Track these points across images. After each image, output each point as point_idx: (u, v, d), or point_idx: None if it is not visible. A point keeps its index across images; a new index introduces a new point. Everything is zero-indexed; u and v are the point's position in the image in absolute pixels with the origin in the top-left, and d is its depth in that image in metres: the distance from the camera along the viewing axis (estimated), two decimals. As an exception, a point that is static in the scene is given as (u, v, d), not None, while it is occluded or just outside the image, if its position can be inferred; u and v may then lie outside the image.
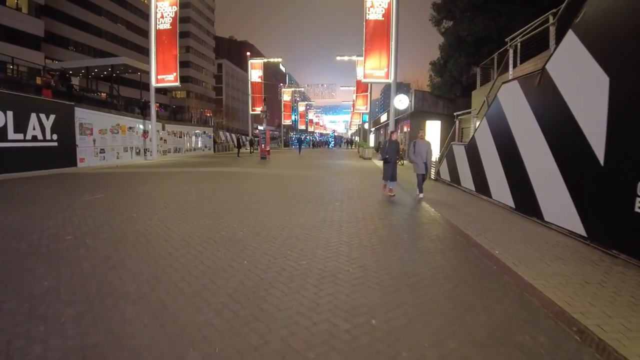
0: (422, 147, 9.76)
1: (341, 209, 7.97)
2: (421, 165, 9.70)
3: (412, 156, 9.82)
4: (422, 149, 9.74)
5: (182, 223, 6.35)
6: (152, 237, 5.43)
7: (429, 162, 10.01)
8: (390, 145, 9.98)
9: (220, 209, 7.62)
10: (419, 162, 9.68)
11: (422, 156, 9.71)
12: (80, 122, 18.93)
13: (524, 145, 7.78)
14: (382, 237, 5.73)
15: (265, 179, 13.51)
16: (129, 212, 7.24)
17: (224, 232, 5.78)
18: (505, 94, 8.95)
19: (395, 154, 9.93)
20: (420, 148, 9.75)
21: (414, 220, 7.16)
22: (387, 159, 9.83)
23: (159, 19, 26.01)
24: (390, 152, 9.85)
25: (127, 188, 10.80)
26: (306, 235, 5.64)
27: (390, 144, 10.02)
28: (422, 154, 9.71)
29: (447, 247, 5.37)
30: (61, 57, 42.97)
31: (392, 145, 9.98)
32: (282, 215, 7.07)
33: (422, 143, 9.80)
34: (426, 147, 9.80)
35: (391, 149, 9.89)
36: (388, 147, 10.00)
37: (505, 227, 6.57)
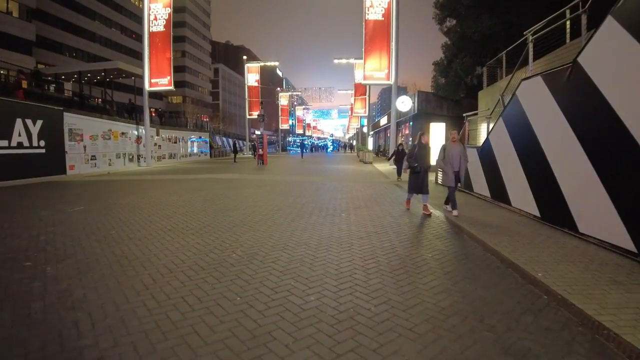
0: (454, 153, 7.74)
1: (348, 221, 7.10)
2: (451, 176, 7.75)
3: (440, 163, 8.02)
4: (454, 155, 7.73)
5: (166, 243, 5.46)
6: (128, 263, 4.53)
7: (462, 172, 7.83)
8: (420, 151, 8.14)
9: (212, 224, 6.73)
10: (449, 172, 7.74)
11: (454, 164, 7.73)
12: (70, 127, 18.14)
13: (551, 147, 6.95)
14: (402, 257, 4.85)
15: (263, 187, 12.64)
16: (107, 229, 6.34)
17: (215, 254, 4.89)
18: (526, 91, 8.15)
19: (428, 162, 8.20)
20: (452, 153, 7.75)
21: (432, 233, 6.29)
22: (416, 169, 8.03)
23: (153, 21, 25.21)
24: (421, 160, 8.05)
25: (112, 198, 9.90)
26: (312, 258, 4.76)
27: (420, 149, 8.14)
28: (454, 161, 7.73)
29: (481, 270, 4.50)
30: (54, 62, 42.05)
31: (422, 150, 8.14)
32: (283, 231, 6.19)
33: (453, 147, 7.81)
34: (459, 152, 7.76)
35: (421, 155, 8.09)
36: (417, 152, 8.11)
37: (537, 241, 5.71)
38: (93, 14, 52.36)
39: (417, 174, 8.05)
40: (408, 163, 8.28)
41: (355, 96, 48.82)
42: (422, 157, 8.10)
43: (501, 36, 16.10)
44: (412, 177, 8.26)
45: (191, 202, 9.21)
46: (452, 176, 7.77)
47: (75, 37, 48.58)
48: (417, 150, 8.12)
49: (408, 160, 8.32)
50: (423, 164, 8.06)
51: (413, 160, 8.09)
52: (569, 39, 10.02)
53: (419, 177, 8.05)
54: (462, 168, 7.83)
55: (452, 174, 7.75)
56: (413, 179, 8.22)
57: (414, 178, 8.17)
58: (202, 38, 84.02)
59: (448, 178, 7.83)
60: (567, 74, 6.58)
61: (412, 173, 8.19)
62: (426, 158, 8.17)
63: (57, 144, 16.99)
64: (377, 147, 44.53)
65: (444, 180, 8.17)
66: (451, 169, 7.75)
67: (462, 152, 7.81)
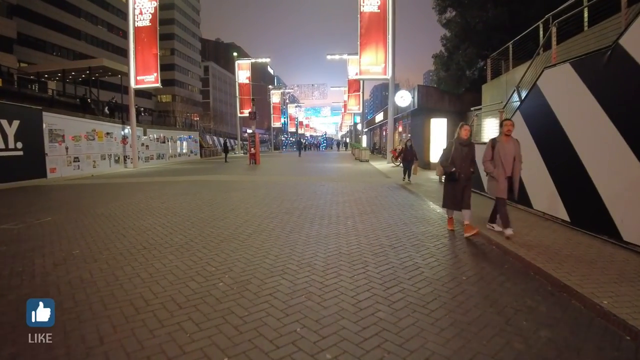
0: (507, 151, 5.59)
1: (356, 231, 6.14)
2: (503, 184, 5.61)
3: (489, 166, 5.80)
4: (507, 154, 5.57)
5: (138, 266, 4.44)
6: (83, 299, 3.51)
7: (515, 177, 5.65)
8: (459, 150, 5.82)
9: (196, 238, 5.71)
10: (501, 178, 5.61)
11: (508, 167, 5.59)
12: (50, 128, 17.00)
13: (584, 143, 6.06)
14: (431, 282, 3.89)
15: (256, 190, 11.62)
16: (70, 247, 5.31)
17: (197, 283, 3.89)
18: (550, 81, 7.26)
19: (470, 165, 5.91)
20: (504, 152, 5.59)
21: (456, 245, 5.35)
22: (454, 175, 5.83)
23: (138, 16, 24.03)
24: (460, 162, 5.79)
25: (88, 206, 8.83)
26: (319, 286, 3.78)
27: (459, 147, 5.83)
28: (508, 163, 5.58)
29: (532, 297, 3.56)
30: (36, 60, 40.45)
31: (463, 148, 5.82)
32: (281, 246, 5.21)
33: (508, 144, 5.65)
34: (514, 152, 5.61)
35: (461, 156, 5.80)
36: (455, 152, 5.83)
37: (578, 253, 4.81)
38: (78, 10, 50.61)
39: (454, 182, 5.86)
40: (442, 167, 6.08)
41: (348, 93, 47.86)
42: (462, 159, 5.81)
43: (506, 26, 15.23)
44: (448, 186, 6.02)
45: (175, 210, 8.17)
46: (505, 184, 5.65)
47: (59, 34, 46.85)
48: (454, 149, 5.83)
49: (442, 163, 6.04)
50: (463, 168, 5.82)
51: (450, 164, 5.86)
52: (587, 26, 9.19)
53: (457, 187, 5.86)
54: (517, 173, 5.65)
55: (505, 180, 5.65)
56: (450, 189, 5.96)
57: (451, 188, 5.94)
58: (191, 35, 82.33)
59: (499, 186, 5.67)
60: (606, 59, 5.69)
61: (448, 181, 6.02)
62: (467, 160, 5.86)
63: (36, 145, 15.93)
64: (372, 144, 43.68)
65: (491, 188, 5.91)
66: (503, 173, 5.61)
67: (517, 152, 5.66)
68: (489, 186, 6.03)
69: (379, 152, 35.56)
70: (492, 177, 5.84)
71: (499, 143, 5.74)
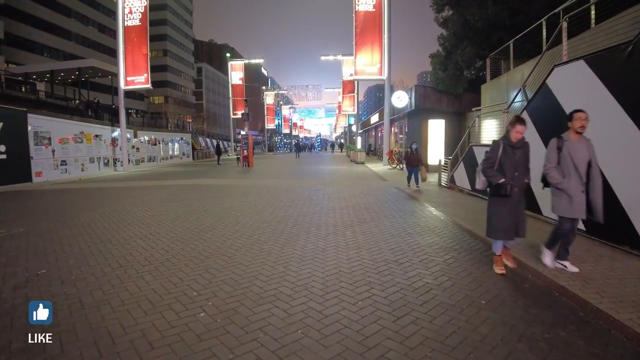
0: (581, 155, 4.10)
1: (357, 242, 5.61)
2: (579, 199, 4.08)
3: (555, 175, 4.17)
4: (581, 160, 4.09)
5: (109, 291, 3.85)
6: (40, 343, 2.97)
7: (598, 193, 4.07)
8: (510, 154, 4.23)
9: (179, 254, 5.12)
10: (575, 192, 4.08)
11: (580, 176, 4.08)
12: (36, 130, 16.36)
13: (600, 145, 5.47)
14: (447, 307, 3.36)
15: (248, 195, 11.05)
16: (38, 265, 4.71)
17: (174, 313, 3.31)
18: (561, 79, 6.83)
19: (525, 174, 4.31)
20: (577, 156, 4.10)
21: (467, 260, 4.82)
22: (503, 188, 4.18)
23: (127, 15, 23.39)
24: (512, 170, 4.20)
25: (67, 214, 8.22)
26: (318, 317, 3.22)
27: (508, 150, 4.24)
28: (580, 170, 4.08)
29: (565, 327, 3.05)
30: (25, 61, 39.52)
31: (516, 151, 4.24)
32: (273, 264, 4.64)
33: (579, 145, 4.16)
34: (588, 154, 4.12)
35: (512, 162, 4.22)
36: (504, 157, 4.24)
37: (602, 268, 4.32)
38: (68, 10, 49.67)
39: (504, 197, 4.19)
40: (486, 177, 4.32)
41: (343, 94, 47.38)
42: (514, 166, 4.19)
43: (506, 25, 14.85)
44: (495, 205, 4.33)
45: (159, 218, 7.58)
46: (582, 197, 4.08)
47: (48, 34, 45.88)
48: (502, 151, 4.22)
49: (486, 171, 4.29)
50: (516, 178, 4.19)
51: (497, 173, 4.21)
52: (594, 22, 8.77)
53: (508, 205, 4.21)
54: (597, 186, 4.07)
55: (581, 194, 4.08)
56: (499, 210, 4.27)
57: (501, 207, 4.25)
58: (184, 36, 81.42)
59: (572, 204, 4.10)
60: (627, 55, 5.25)
61: (494, 195, 4.32)
62: (521, 167, 4.24)
63: (21, 148, 15.37)
64: (367, 146, 43.23)
65: (558, 206, 4.26)
66: (578, 186, 4.07)
67: (593, 154, 4.15)
68: (557, 204, 4.28)
69: (375, 154, 35.10)
70: (559, 191, 4.21)
71: (567, 143, 4.18)
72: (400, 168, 18.57)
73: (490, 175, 4.25)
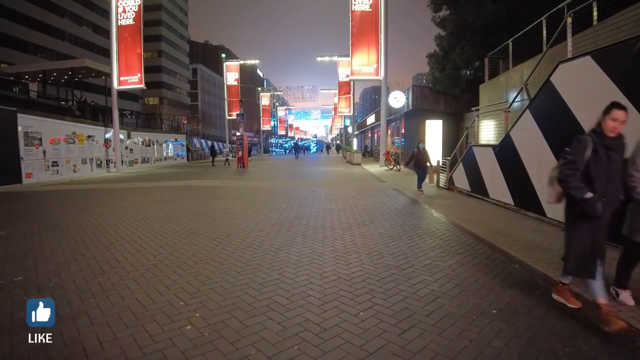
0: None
1: (355, 246, 5.32)
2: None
3: None
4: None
5: (88, 299, 3.52)
6: (6, 352, 2.66)
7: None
8: (602, 156, 2.98)
9: (165, 260, 4.79)
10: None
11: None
12: (26, 130, 16.01)
13: None
14: (457, 318, 3.08)
15: (242, 197, 10.74)
16: (16, 271, 4.38)
17: (158, 323, 3.00)
18: (566, 76, 6.62)
19: (620, 187, 3.14)
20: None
21: (472, 264, 4.55)
22: (591, 206, 2.96)
23: (121, 14, 23.06)
24: (605, 181, 3.00)
25: (53, 217, 7.88)
26: (317, 330, 2.91)
27: (601, 152, 2.99)
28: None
29: (586, 339, 2.78)
30: (18, 61, 38.93)
31: (611, 154, 3.00)
32: (267, 271, 4.32)
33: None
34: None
35: (606, 169, 2.99)
36: (593, 158, 2.99)
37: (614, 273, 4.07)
38: (62, 10, 49.10)
39: (593, 220, 3.04)
40: (566, 187, 3.07)
41: (339, 95, 47.11)
42: (609, 175, 3.01)
43: (504, 24, 14.67)
44: (576, 225, 3.15)
45: (149, 222, 7.25)
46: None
47: (42, 34, 45.27)
48: (591, 153, 3.00)
49: (569, 181, 3.02)
50: (610, 192, 3.03)
51: (583, 185, 3.00)
52: (597, 19, 8.59)
53: (594, 229, 3.06)
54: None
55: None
56: (585, 231, 3.08)
57: (586, 228, 3.08)
58: (179, 37, 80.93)
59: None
60: (637, 50, 5.04)
61: (576, 216, 3.13)
62: (616, 177, 3.09)
63: (10, 149, 15.07)
64: (363, 147, 43.02)
65: (629, 229, 3.33)
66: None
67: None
68: (629, 228, 3.35)
69: (371, 155, 34.87)
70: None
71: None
72: (398, 169, 18.32)
73: (574, 187, 2.99)
